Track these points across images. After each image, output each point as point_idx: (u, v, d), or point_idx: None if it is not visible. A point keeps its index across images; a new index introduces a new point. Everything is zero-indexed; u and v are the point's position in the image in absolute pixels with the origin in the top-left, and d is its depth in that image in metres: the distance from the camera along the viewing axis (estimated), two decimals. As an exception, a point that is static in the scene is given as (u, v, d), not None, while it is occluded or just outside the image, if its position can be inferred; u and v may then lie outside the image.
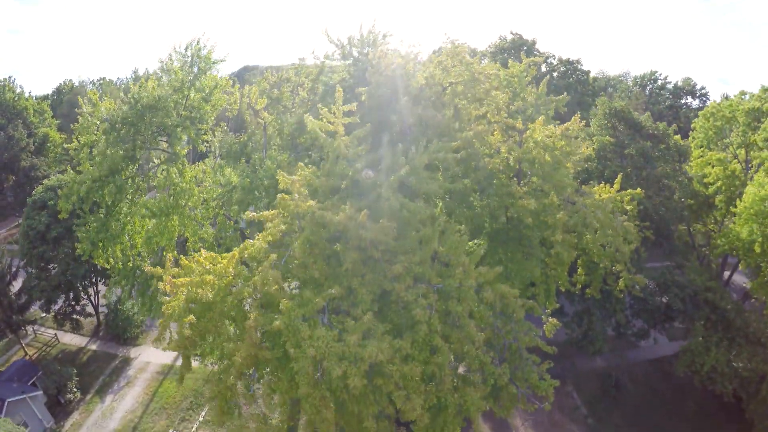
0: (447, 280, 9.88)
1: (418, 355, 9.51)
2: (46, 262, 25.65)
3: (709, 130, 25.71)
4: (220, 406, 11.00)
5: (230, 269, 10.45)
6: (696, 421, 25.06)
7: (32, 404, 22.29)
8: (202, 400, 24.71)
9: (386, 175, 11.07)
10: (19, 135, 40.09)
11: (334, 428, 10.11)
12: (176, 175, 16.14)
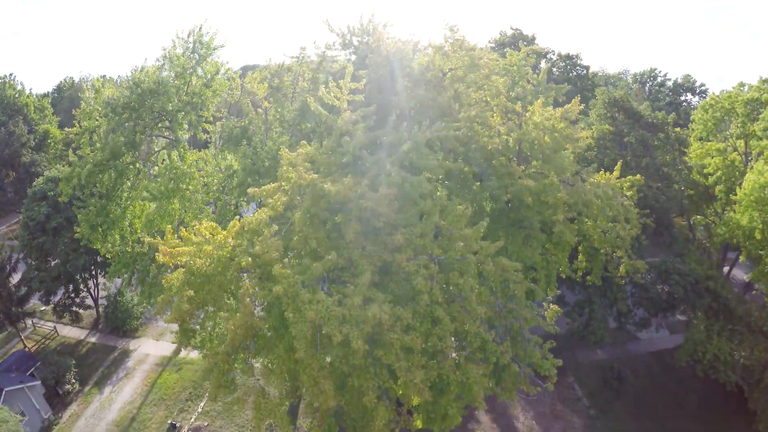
0: (448, 253, 9.88)
1: (419, 327, 9.47)
2: (45, 253, 25.66)
3: (708, 121, 25.83)
4: (217, 379, 10.96)
5: (230, 240, 10.48)
6: (699, 413, 24.94)
7: (30, 394, 22.21)
8: (201, 391, 24.62)
9: (388, 151, 11.14)
10: (19, 131, 40.29)
11: (333, 402, 10.06)
12: (177, 158, 16.24)
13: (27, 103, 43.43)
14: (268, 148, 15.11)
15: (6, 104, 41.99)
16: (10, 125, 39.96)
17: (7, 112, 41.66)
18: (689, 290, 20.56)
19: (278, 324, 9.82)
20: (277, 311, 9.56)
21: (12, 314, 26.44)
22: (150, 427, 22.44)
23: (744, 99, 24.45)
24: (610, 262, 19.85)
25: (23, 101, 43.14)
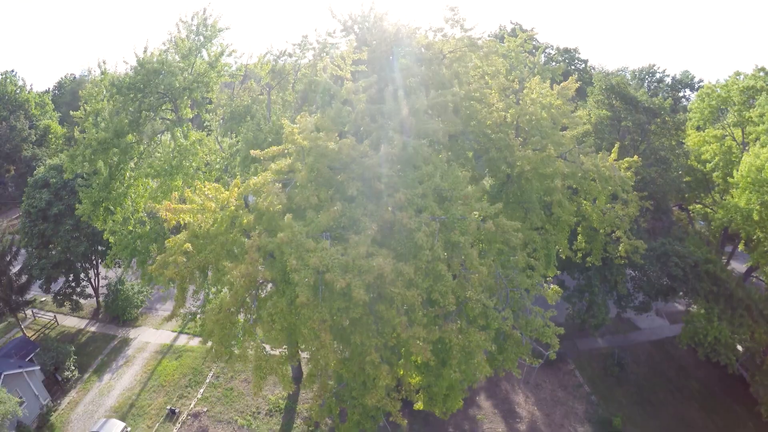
0: (449, 212, 10.10)
1: (421, 283, 9.62)
2: (46, 240, 25.80)
3: (704, 110, 26.25)
4: (219, 336, 11.04)
5: (233, 199, 10.68)
6: (701, 400, 25.00)
7: (29, 379, 22.20)
8: (201, 377, 24.66)
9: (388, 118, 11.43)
10: (21, 126, 40.63)
11: (333, 357, 10.15)
12: (181, 135, 16.54)
13: (28, 99, 43.82)
14: (271, 124, 15.41)
15: (7, 100, 42.37)
16: (11, 120, 40.34)
17: (8, 107, 42.03)
18: (688, 273, 20.78)
19: (280, 277, 9.98)
20: (279, 263, 9.71)
21: (12, 302, 26.53)
22: (149, 412, 22.44)
23: (740, 87, 24.89)
24: (609, 243, 20.10)
25: (24, 97, 43.54)
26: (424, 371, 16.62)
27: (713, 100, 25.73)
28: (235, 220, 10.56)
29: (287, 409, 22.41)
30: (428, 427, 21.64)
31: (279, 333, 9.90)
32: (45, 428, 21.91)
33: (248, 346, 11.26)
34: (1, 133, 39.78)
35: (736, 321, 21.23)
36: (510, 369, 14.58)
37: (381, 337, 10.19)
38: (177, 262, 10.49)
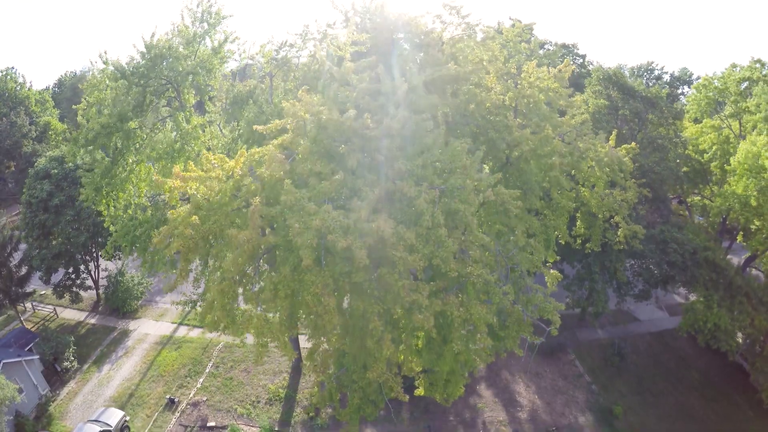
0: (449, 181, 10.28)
1: (422, 248, 9.76)
2: (47, 231, 25.91)
3: (702, 101, 26.62)
4: (221, 304, 11.04)
5: (238, 169, 10.85)
6: (701, 389, 25.10)
7: (28, 369, 22.19)
8: (200, 367, 24.69)
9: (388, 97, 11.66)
10: (21, 121, 40.82)
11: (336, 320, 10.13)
12: (183, 119, 16.76)
13: (28, 96, 44.06)
14: (273, 106, 15.65)
15: (7, 97, 42.59)
16: (11, 116, 40.54)
17: (8, 104, 42.25)
18: (687, 259, 20.96)
19: (284, 244, 10.07)
20: (282, 230, 9.81)
21: (12, 293, 26.59)
22: (148, 402, 22.44)
23: (736, 78, 25.28)
24: (608, 230, 20.30)
25: (24, 94, 43.77)
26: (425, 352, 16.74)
27: (710, 91, 26.10)
28: (239, 190, 10.67)
29: (287, 398, 22.43)
30: (429, 415, 21.69)
31: (282, 301, 10.01)
32: (43, 418, 21.88)
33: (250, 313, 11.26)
34: (2, 129, 39.96)
35: (736, 308, 21.38)
36: (512, 348, 14.71)
37: (383, 303, 10.27)
38: (183, 233, 10.59)
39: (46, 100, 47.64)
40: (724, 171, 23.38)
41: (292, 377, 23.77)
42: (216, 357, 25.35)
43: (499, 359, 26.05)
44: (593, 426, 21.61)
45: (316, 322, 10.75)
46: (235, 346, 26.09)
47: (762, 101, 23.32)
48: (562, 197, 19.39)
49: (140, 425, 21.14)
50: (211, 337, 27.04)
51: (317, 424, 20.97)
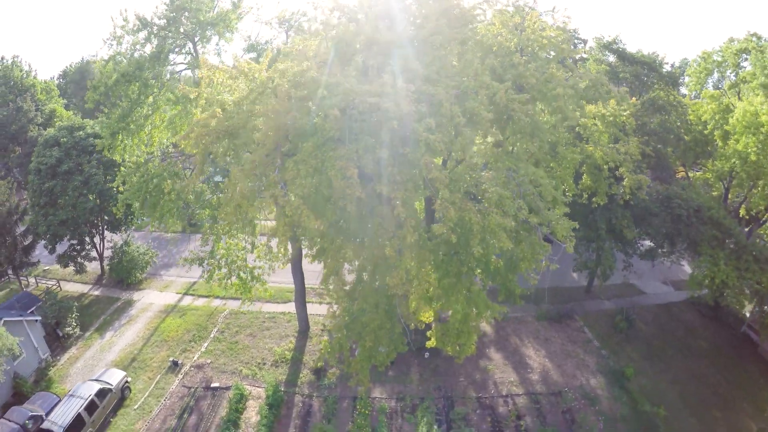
0: (463, 84, 10.60)
1: (442, 138, 9.90)
2: (54, 198, 25.93)
3: (701, 73, 27.47)
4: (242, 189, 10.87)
5: (263, 70, 11.11)
6: (711, 358, 24.90)
7: (29, 329, 21.78)
8: (205, 333, 24.36)
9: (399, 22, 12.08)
10: (27, 107, 41.27)
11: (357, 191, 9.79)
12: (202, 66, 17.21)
13: (34, 84, 44.57)
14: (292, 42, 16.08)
15: (13, 84, 43.09)
16: (18, 101, 40.99)
17: (14, 91, 42.73)
18: (692, 215, 21.24)
19: (309, 128, 10.16)
20: (306, 114, 9.93)
21: (15, 261, 26.44)
22: (151, 365, 22.02)
23: (734, 50, 26.23)
24: (613, 184, 20.61)
25: (30, 82, 44.30)
26: (437, 292, 16.73)
27: (709, 63, 27.00)
28: (266, 88, 10.84)
29: (293, 360, 22.09)
30: (438, 377, 21.39)
31: (303, 180, 10.06)
32: (42, 382, 21.40)
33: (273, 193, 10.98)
34: (8, 114, 40.35)
35: (743, 266, 21.50)
36: (527, 270, 14.79)
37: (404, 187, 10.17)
38: (207, 123, 10.71)
39: (52, 89, 48.16)
40: (726, 137, 23.88)
41: (299, 341, 23.47)
42: (221, 323, 25.04)
43: (508, 324, 25.91)
44: (605, 387, 21.34)
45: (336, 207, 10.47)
46: (240, 312, 25.86)
47: (757, 69, 24.14)
48: (568, 151, 19.83)
49: (142, 387, 20.70)
50: (216, 304, 26.80)
51: (324, 383, 20.64)
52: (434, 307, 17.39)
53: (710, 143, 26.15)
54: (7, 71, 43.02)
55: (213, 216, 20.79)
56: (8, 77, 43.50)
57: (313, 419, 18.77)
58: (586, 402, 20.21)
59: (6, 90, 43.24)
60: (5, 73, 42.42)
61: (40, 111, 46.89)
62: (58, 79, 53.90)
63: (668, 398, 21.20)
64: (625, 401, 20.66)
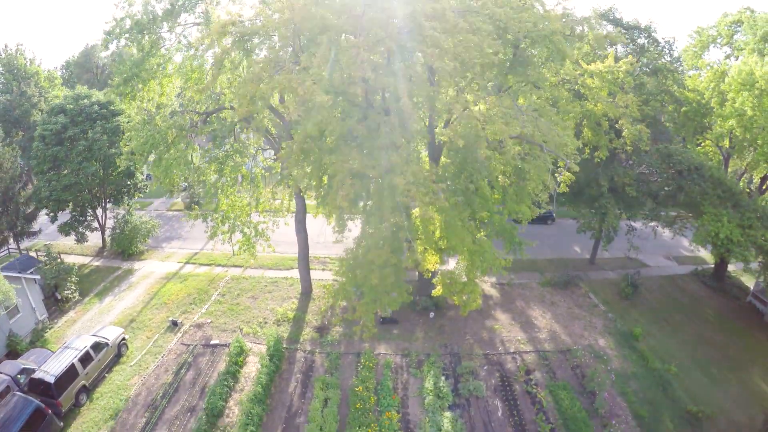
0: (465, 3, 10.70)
1: (446, 38, 9.98)
2: (58, 164, 25.79)
3: (696, 45, 28.10)
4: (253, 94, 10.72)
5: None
6: (717, 325, 24.45)
7: (27, 288, 21.18)
8: (206, 296, 23.80)
9: None
10: (31, 92, 41.51)
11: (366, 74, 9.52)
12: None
13: (37, 72, 44.73)
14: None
15: (17, 72, 43.30)
16: (22, 85, 41.18)
17: (17, 78, 42.93)
18: (693, 171, 21.26)
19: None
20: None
21: (17, 228, 26.07)
22: (150, 326, 21.36)
23: (727, 22, 26.92)
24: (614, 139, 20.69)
25: (34, 69, 44.50)
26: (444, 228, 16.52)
27: (704, 38, 27.66)
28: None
29: (296, 319, 21.51)
30: (444, 336, 20.86)
31: (318, 68, 9.89)
32: (38, 342, 20.78)
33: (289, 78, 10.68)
34: (12, 99, 40.56)
35: (746, 223, 21.37)
36: (534, 192, 14.67)
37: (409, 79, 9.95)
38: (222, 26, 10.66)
39: (55, 77, 48.34)
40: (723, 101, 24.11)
41: (301, 302, 22.92)
42: (222, 287, 24.47)
43: (513, 290, 25.51)
44: (614, 347, 20.81)
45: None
46: (242, 278, 25.39)
47: (749, 36, 24.74)
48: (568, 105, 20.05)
49: (140, 345, 20.02)
50: (218, 272, 26.35)
51: (327, 340, 20.08)
52: (441, 245, 17.17)
53: (708, 115, 26.44)
54: (11, 59, 43.34)
55: (219, 169, 20.69)
56: (12, 65, 43.79)
57: (316, 373, 18.18)
58: (596, 360, 19.71)
59: (10, 77, 43.48)
60: (9, 60, 42.72)
61: (44, 97, 47.20)
62: (61, 69, 54.35)
63: (678, 358, 20.70)
64: (635, 359, 20.14)
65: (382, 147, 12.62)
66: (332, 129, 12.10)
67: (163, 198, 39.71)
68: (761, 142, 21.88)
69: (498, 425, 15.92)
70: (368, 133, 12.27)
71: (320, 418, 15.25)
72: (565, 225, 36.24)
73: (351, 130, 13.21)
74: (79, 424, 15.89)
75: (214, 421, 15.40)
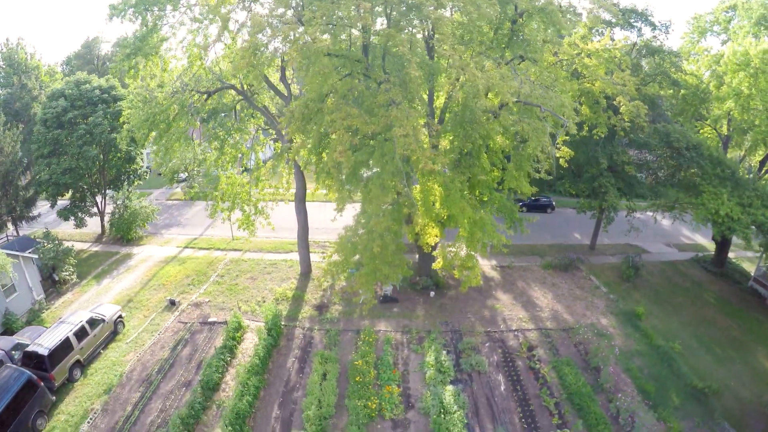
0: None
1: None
2: (59, 146, 25.60)
3: (694, 32, 28.24)
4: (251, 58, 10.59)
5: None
6: (720, 307, 24.08)
7: (24, 266, 20.78)
8: (204, 278, 23.38)
9: None
10: (31, 84, 41.48)
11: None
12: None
13: (38, 66, 44.67)
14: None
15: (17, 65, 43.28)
16: (22, 78, 41.10)
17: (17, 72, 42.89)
18: (692, 149, 21.14)
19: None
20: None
21: (16, 212, 25.76)
22: (147, 305, 20.89)
23: (723, 8, 27.14)
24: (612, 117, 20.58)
25: (34, 63, 44.48)
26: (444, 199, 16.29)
27: (700, 23, 27.87)
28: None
29: (295, 298, 21.07)
30: (445, 314, 20.45)
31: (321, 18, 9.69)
32: (35, 322, 20.33)
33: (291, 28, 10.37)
34: (12, 91, 40.49)
35: (746, 201, 21.19)
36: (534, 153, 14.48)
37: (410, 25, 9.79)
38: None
39: (55, 72, 48.38)
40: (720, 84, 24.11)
41: (301, 281, 22.52)
42: (221, 269, 24.08)
43: (514, 272, 25.17)
44: (617, 326, 20.41)
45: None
46: (241, 260, 25.03)
47: (744, 21, 24.89)
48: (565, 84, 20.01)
49: (137, 323, 19.55)
50: (217, 255, 26.01)
51: (326, 317, 19.67)
52: (441, 214, 16.92)
53: (706, 101, 26.44)
54: (12, 52, 43.39)
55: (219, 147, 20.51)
56: (13, 59, 43.80)
57: (314, 349, 17.74)
58: (599, 337, 19.32)
59: (11, 71, 43.49)
60: (10, 53, 42.78)
61: (44, 91, 47.29)
62: (61, 65, 54.45)
63: (681, 338, 20.29)
64: (638, 338, 19.73)
65: (382, 104, 12.48)
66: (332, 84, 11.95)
67: (163, 188, 39.49)
68: (759, 122, 21.82)
69: (501, 399, 15.48)
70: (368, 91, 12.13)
71: (318, 391, 14.81)
72: (565, 213, 36.06)
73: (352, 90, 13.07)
74: (72, 398, 15.41)
75: (209, 394, 14.94)
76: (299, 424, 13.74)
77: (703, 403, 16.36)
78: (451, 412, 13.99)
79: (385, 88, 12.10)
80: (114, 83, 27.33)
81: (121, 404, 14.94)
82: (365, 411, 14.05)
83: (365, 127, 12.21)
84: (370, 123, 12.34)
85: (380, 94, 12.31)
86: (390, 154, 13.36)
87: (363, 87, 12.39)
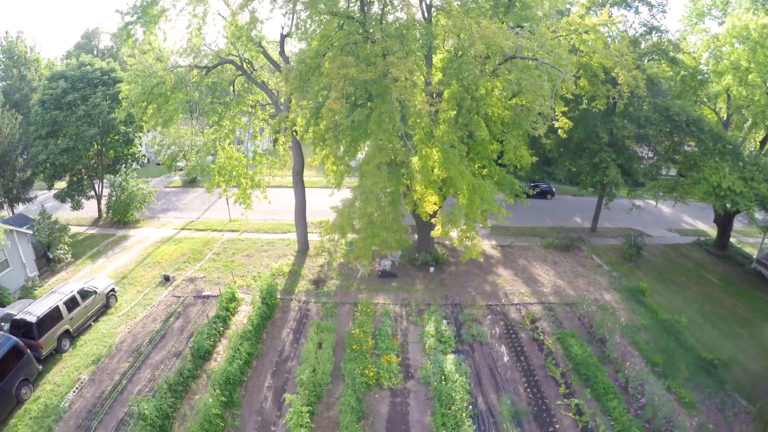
0: None
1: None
2: (57, 129, 25.19)
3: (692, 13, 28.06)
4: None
5: None
6: (723, 286, 23.34)
7: (18, 241, 20.19)
8: (200, 256, 22.71)
9: None
10: (31, 76, 41.31)
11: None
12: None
13: (37, 59, 44.57)
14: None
15: (18, 58, 43.19)
16: (22, 70, 40.89)
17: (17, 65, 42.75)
18: (691, 124, 20.69)
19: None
20: None
21: (12, 194, 25.25)
22: (141, 281, 20.17)
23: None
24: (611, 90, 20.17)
25: (34, 56, 44.36)
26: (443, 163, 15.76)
27: (698, 5, 27.70)
28: None
29: (291, 273, 20.34)
30: (445, 288, 19.74)
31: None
32: (27, 299, 19.64)
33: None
34: (12, 83, 40.35)
35: (747, 175, 20.67)
36: (531, 105, 13.99)
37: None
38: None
39: (55, 65, 48.24)
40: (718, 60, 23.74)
41: (297, 258, 21.88)
42: (218, 248, 23.45)
43: (515, 250, 24.49)
44: (621, 301, 19.64)
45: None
46: (238, 240, 24.38)
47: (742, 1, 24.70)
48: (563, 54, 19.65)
49: (129, 298, 18.83)
50: (214, 235, 25.39)
51: (323, 291, 18.96)
52: (440, 175, 16.35)
53: (705, 82, 26.12)
54: (11, 45, 43.40)
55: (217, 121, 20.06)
56: (12, 51, 43.75)
57: (310, 321, 17.01)
58: (603, 312, 18.59)
59: (10, 63, 43.43)
60: (10, 46, 42.77)
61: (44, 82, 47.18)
62: (61, 60, 54.46)
63: (687, 314, 19.54)
64: (643, 313, 18.99)
65: (378, 54, 12.06)
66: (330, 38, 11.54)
67: (162, 177, 39.07)
68: (758, 96, 21.41)
69: (504, 370, 14.70)
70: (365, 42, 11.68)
71: (314, 360, 14.05)
72: (565, 200, 35.48)
73: (349, 43, 12.66)
74: (60, 368, 14.65)
75: (200, 363, 14.17)
76: (293, 392, 12.95)
77: (712, 375, 15.56)
78: (453, 380, 13.21)
79: (383, 39, 11.71)
80: (114, 66, 27.10)
81: (110, 374, 14.18)
82: (362, 379, 13.27)
83: (361, 74, 11.76)
84: (366, 71, 11.90)
85: (377, 44, 11.91)
86: (387, 112, 12.90)
87: (360, 38, 11.98)
